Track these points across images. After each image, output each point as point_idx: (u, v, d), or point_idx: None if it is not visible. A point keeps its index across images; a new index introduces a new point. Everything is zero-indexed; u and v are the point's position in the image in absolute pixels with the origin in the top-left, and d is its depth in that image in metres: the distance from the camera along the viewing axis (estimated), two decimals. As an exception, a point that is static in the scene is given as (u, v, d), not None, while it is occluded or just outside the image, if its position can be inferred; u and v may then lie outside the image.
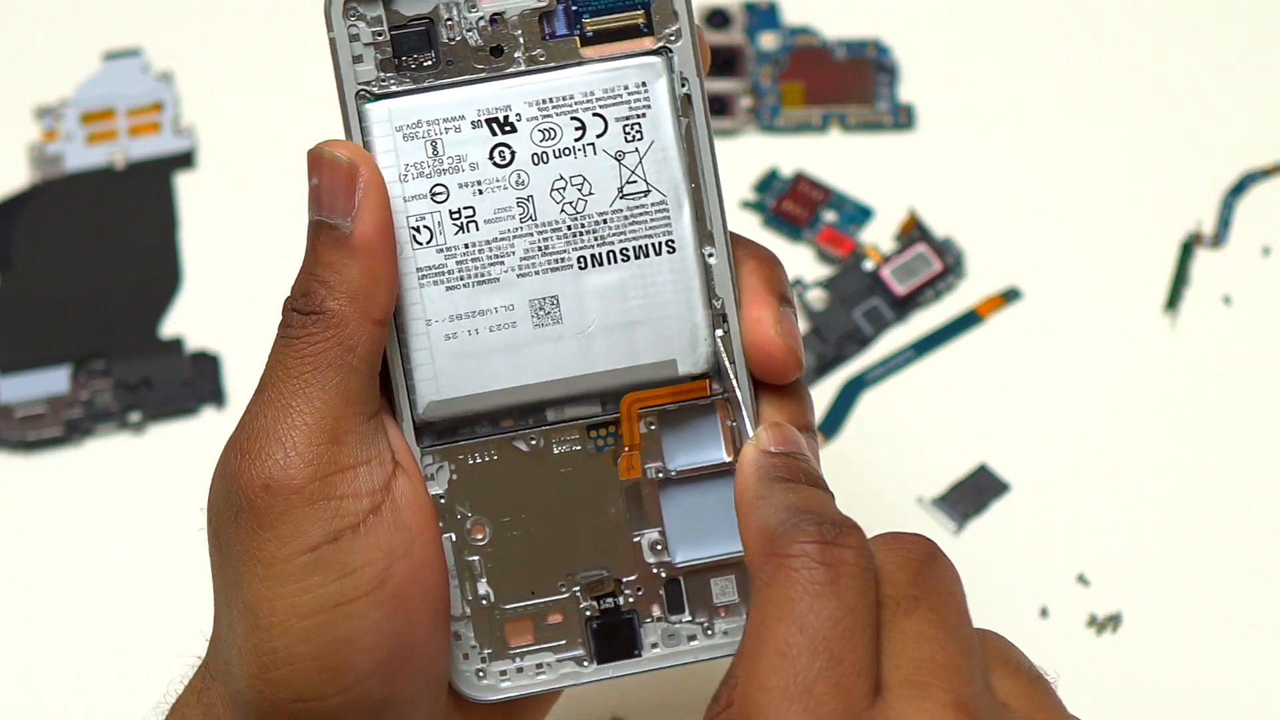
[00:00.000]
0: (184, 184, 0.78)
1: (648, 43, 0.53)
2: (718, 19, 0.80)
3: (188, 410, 0.74)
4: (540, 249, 0.53)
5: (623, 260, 0.53)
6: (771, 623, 0.46)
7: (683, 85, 0.53)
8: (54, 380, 0.75)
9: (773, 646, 0.45)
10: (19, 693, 0.70)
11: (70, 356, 0.75)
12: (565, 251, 0.53)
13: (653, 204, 0.53)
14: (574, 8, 0.53)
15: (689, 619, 0.54)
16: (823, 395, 0.74)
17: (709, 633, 0.54)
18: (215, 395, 0.74)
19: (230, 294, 0.76)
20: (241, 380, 0.74)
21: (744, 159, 0.78)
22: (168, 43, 0.81)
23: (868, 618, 0.46)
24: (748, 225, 0.76)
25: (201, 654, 0.54)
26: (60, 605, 0.71)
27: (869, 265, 0.76)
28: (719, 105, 0.78)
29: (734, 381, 0.53)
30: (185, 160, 0.79)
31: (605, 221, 0.53)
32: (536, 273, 0.53)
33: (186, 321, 0.76)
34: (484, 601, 0.54)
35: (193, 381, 0.75)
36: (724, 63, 0.79)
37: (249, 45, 0.81)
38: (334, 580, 0.50)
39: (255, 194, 0.78)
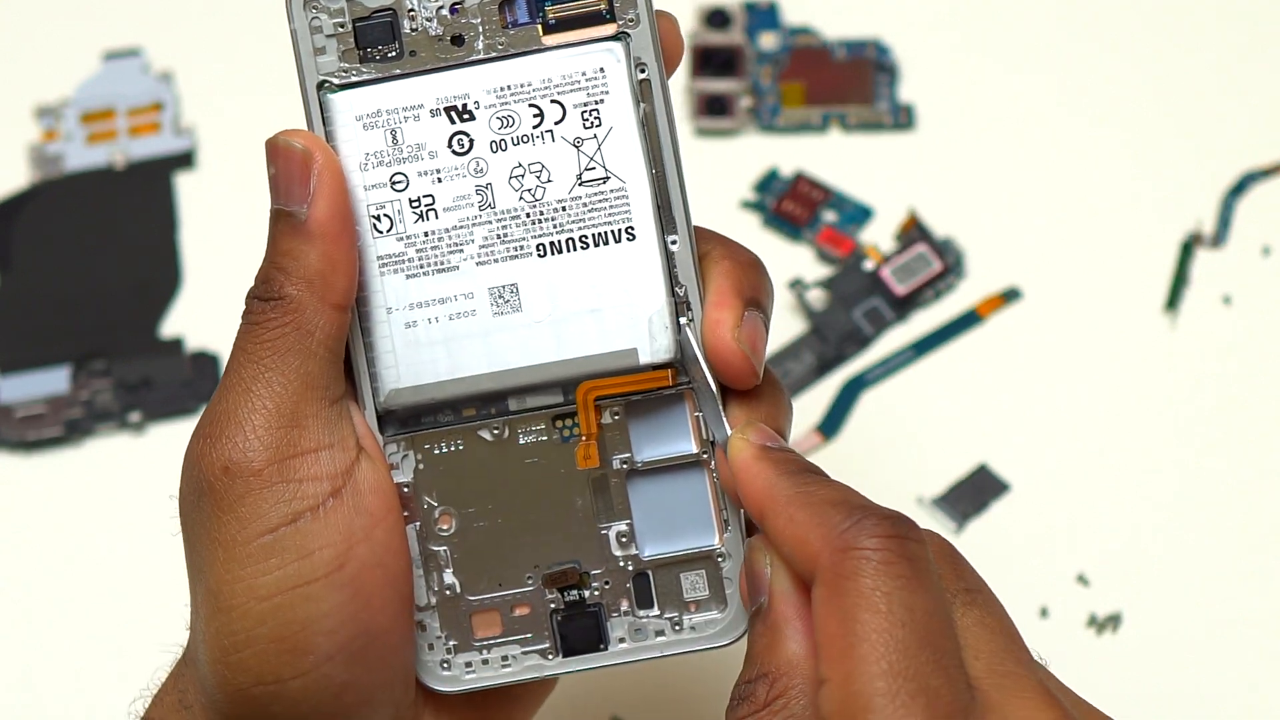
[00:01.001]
0: (184, 184, 0.78)
1: (609, 29, 0.53)
2: (718, 19, 0.80)
3: (188, 410, 0.74)
4: (499, 237, 0.53)
5: (582, 248, 0.53)
6: (866, 615, 0.45)
7: (641, 71, 0.53)
8: (54, 380, 0.75)
9: (875, 639, 0.45)
10: (19, 692, 0.70)
11: (70, 356, 0.75)
12: (524, 239, 0.53)
13: (612, 191, 0.53)
14: None
15: (657, 614, 0.54)
16: (823, 395, 0.74)
17: (677, 628, 0.54)
18: (215, 395, 0.74)
19: (230, 294, 0.76)
20: (241, 380, 0.74)
21: (744, 159, 0.78)
22: (168, 43, 0.81)
23: (950, 611, 0.47)
24: (748, 225, 0.76)
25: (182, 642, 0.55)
26: (60, 605, 0.71)
27: (869, 265, 0.76)
28: (719, 105, 0.78)
29: (702, 371, 0.53)
30: (185, 160, 0.79)
31: (564, 209, 0.53)
32: (496, 260, 0.53)
33: (186, 321, 0.76)
34: (449, 592, 0.54)
35: (193, 381, 0.75)
36: (724, 63, 0.79)
37: (249, 45, 0.81)
38: (292, 562, 0.51)
39: (255, 194, 0.78)
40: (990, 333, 0.75)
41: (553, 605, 0.54)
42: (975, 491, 0.72)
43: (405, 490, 0.54)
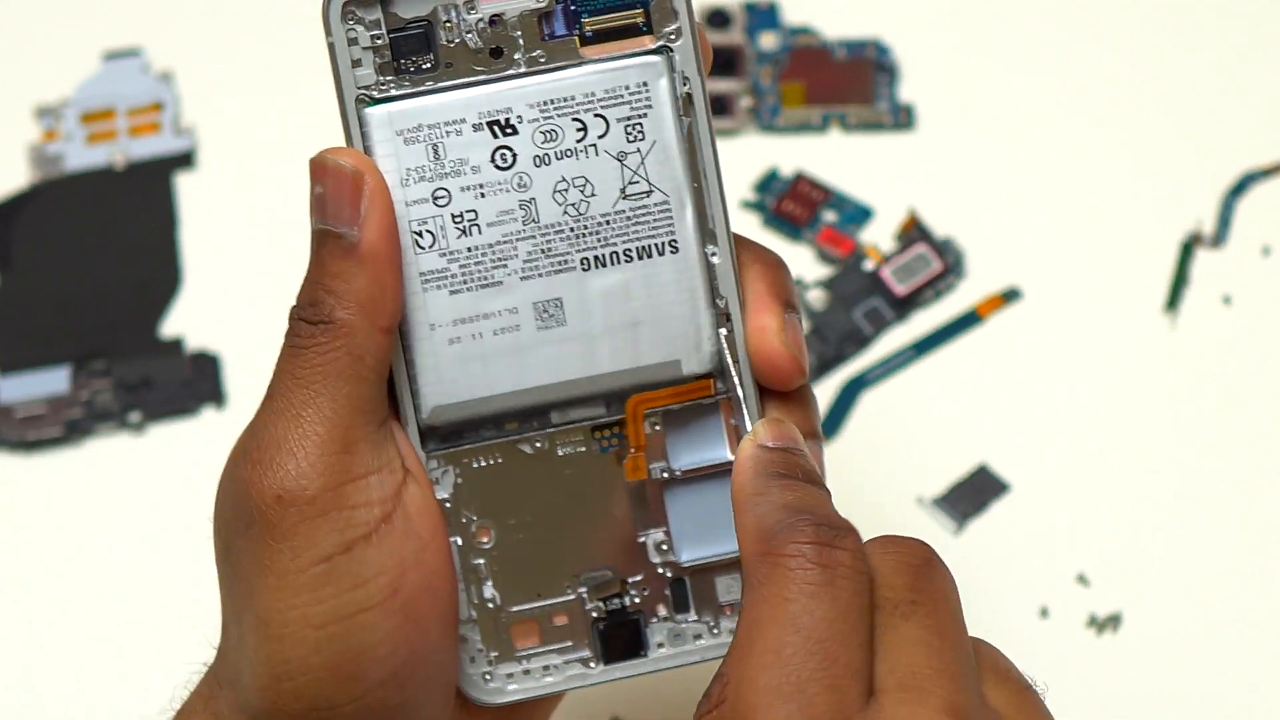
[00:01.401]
0: (184, 184, 0.78)
1: (647, 41, 0.53)
2: (718, 19, 0.80)
3: (188, 410, 0.74)
4: (543, 251, 0.53)
5: (626, 261, 0.53)
6: (765, 622, 0.46)
7: (684, 84, 0.53)
8: (54, 380, 0.75)
9: (765, 645, 0.45)
10: (19, 693, 0.70)
11: (70, 356, 0.75)
12: (568, 253, 0.53)
13: (655, 204, 0.53)
14: (573, 7, 0.52)
15: (694, 618, 0.54)
16: (823, 395, 0.74)
17: (714, 631, 0.54)
18: (215, 395, 0.74)
19: (230, 294, 0.76)
20: (241, 380, 0.74)
21: (744, 159, 0.78)
22: (168, 43, 0.81)
23: (861, 620, 0.46)
24: (748, 225, 0.76)
25: (207, 660, 0.54)
26: (60, 606, 0.71)
27: (869, 265, 0.76)
28: (719, 105, 0.78)
29: (736, 381, 0.53)
30: (185, 160, 0.79)
31: (608, 222, 0.53)
32: (540, 275, 0.53)
33: (186, 321, 0.76)
34: (490, 604, 0.54)
35: (193, 381, 0.75)
36: (724, 63, 0.79)
37: (249, 45, 0.81)
38: (347, 591, 0.50)
39: (255, 194, 0.78)
40: (990, 333, 0.75)
41: (594, 614, 0.54)
42: (975, 491, 0.72)
43: (446, 506, 0.54)
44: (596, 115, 0.53)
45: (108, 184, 0.78)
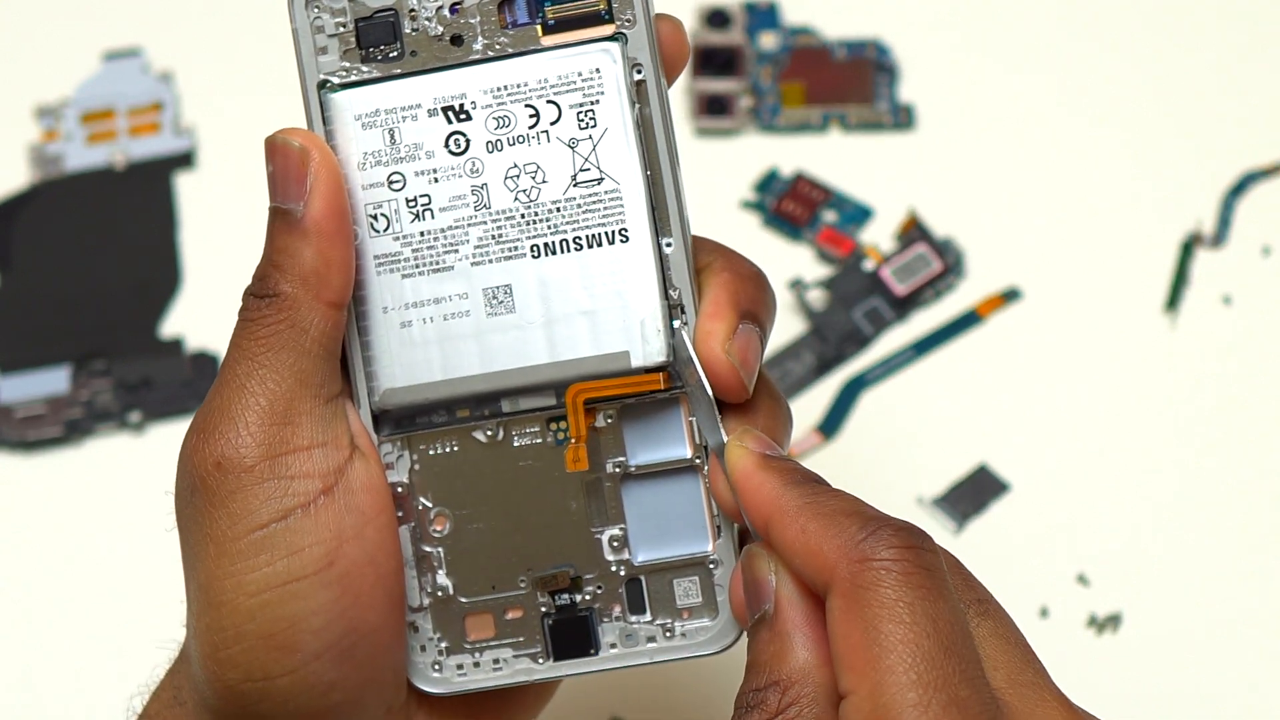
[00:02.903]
0: (184, 184, 0.78)
1: (607, 29, 0.53)
2: (718, 19, 0.80)
3: (188, 410, 0.74)
4: (494, 237, 0.53)
5: (576, 249, 0.53)
6: (890, 627, 0.45)
7: (637, 72, 0.53)
8: (54, 380, 0.75)
9: (901, 650, 0.45)
10: (19, 692, 0.70)
11: (70, 356, 0.75)
12: (519, 240, 0.53)
13: (606, 192, 0.53)
14: None
15: (649, 620, 0.54)
16: (823, 395, 0.74)
17: (669, 634, 0.54)
18: (215, 395, 0.74)
19: (230, 294, 0.76)
20: (241, 380, 0.74)
21: (744, 159, 0.78)
22: (168, 43, 0.81)
23: (966, 620, 0.47)
24: (748, 225, 0.76)
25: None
26: (60, 605, 0.71)
27: (869, 265, 0.76)
28: (719, 105, 0.78)
29: (697, 375, 0.52)
30: (185, 160, 0.79)
31: (558, 210, 0.53)
32: (490, 261, 0.53)
33: (186, 321, 0.76)
34: (442, 594, 0.54)
35: (193, 381, 0.75)
36: (724, 63, 0.79)
37: (249, 45, 0.81)
38: (281, 558, 0.51)
39: (255, 194, 0.78)
40: (990, 333, 0.75)
41: (544, 609, 0.54)
42: (975, 491, 0.72)
43: (400, 490, 0.54)
44: (549, 101, 0.53)
45: (108, 184, 0.78)
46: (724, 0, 0.80)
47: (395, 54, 0.53)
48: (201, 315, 0.76)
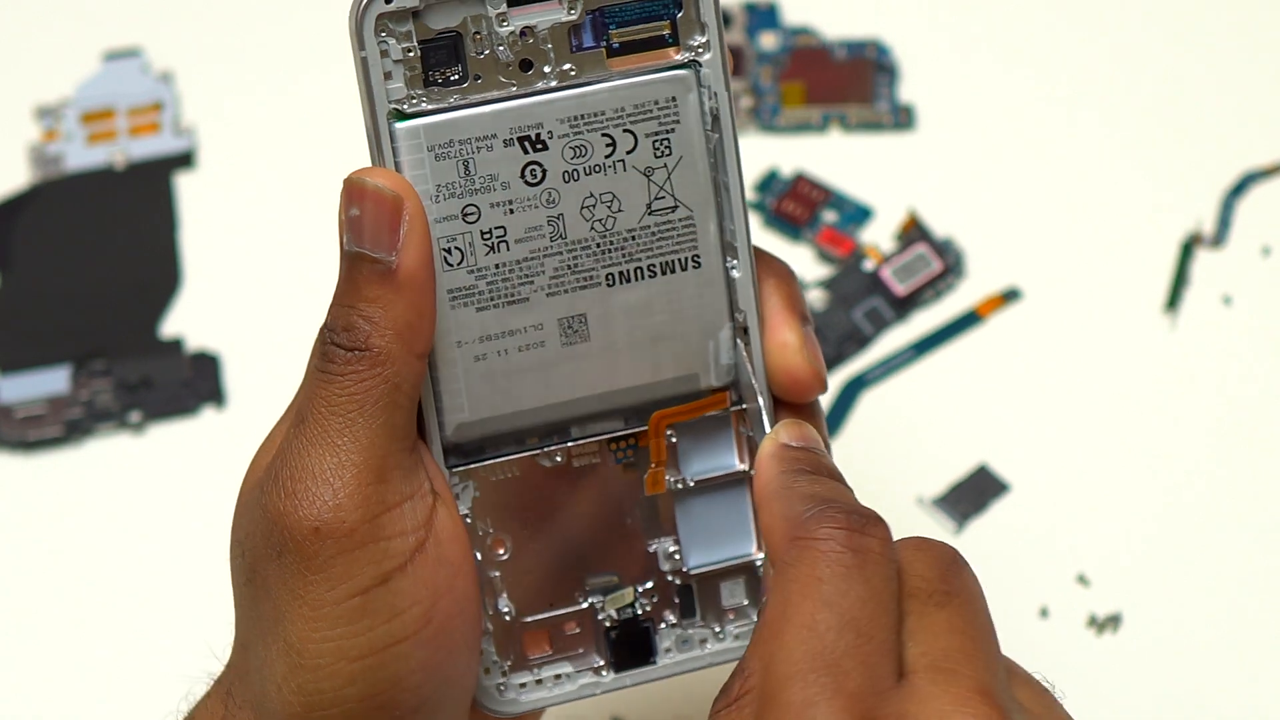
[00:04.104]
0: (184, 184, 0.78)
1: (672, 54, 0.52)
2: (718, 19, 0.80)
3: (188, 410, 0.74)
4: (570, 267, 0.52)
5: (650, 276, 0.53)
6: (797, 599, 0.45)
7: (712, 99, 0.52)
8: (54, 380, 0.75)
9: (799, 622, 0.45)
10: (19, 692, 0.70)
11: (70, 356, 0.75)
12: (594, 269, 0.52)
13: (680, 219, 0.53)
14: (601, 20, 0.52)
15: (700, 623, 0.54)
16: (823, 395, 0.74)
17: (720, 636, 0.55)
18: (215, 395, 0.74)
19: (230, 294, 0.76)
20: (242, 380, 0.74)
21: (744, 159, 0.78)
22: (168, 43, 0.81)
23: (892, 604, 0.46)
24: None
25: (213, 672, 0.54)
26: (60, 605, 0.71)
27: (869, 265, 0.76)
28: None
29: (756, 393, 0.53)
30: (185, 160, 0.79)
31: (633, 238, 0.52)
32: (565, 291, 0.52)
33: (186, 321, 0.76)
34: (505, 616, 0.54)
35: (193, 381, 0.75)
36: (724, 63, 0.79)
37: (249, 45, 0.81)
38: (383, 624, 0.50)
39: (255, 194, 0.78)
40: (990, 333, 0.75)
41: (605, 623, 0.54)
42: (975, 491, 0.72)
43: (468, 522, 0.53)
44: (625, 130, 0.52)
45: (108, 184, 0.78)
46: (724, 0, 0.80)
47: (457, 77, 0.51)
48: (201, 315, 0.76)
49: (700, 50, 0.52)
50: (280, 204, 0.77)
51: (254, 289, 0.76)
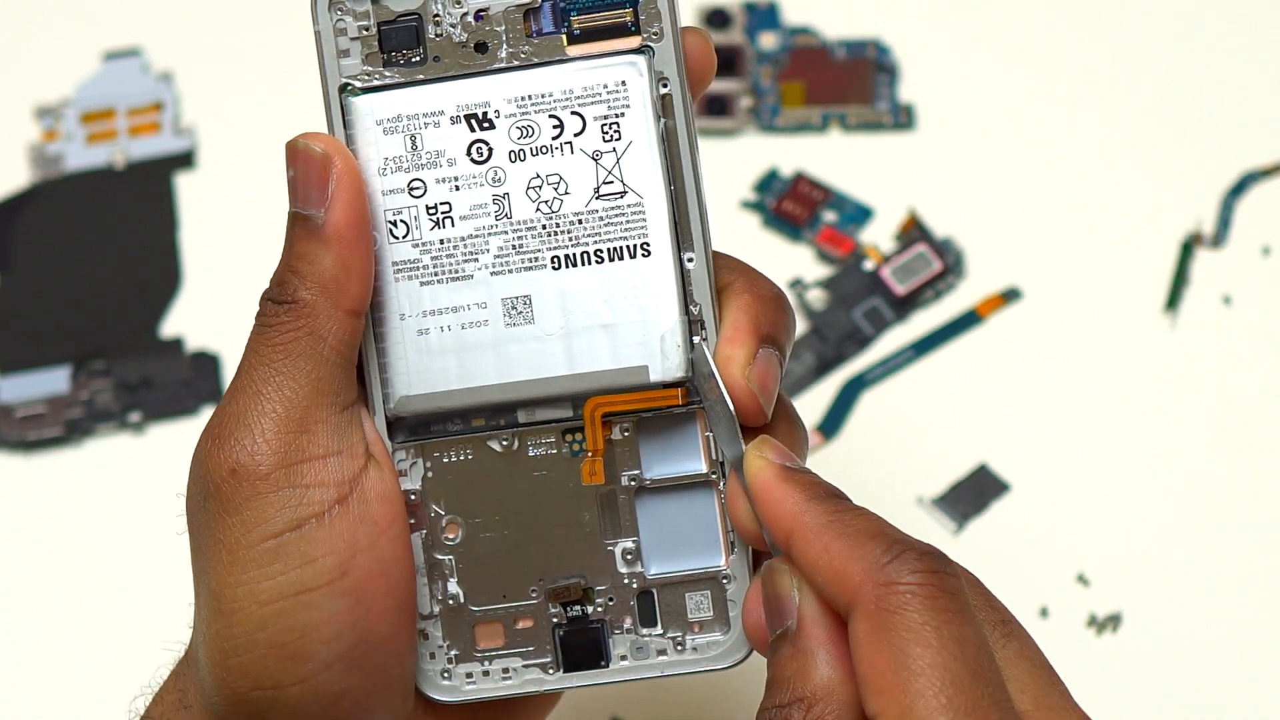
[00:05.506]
0: (184, 184, 0.78)
1: (633, 41, 0.52)
2: (718, 19, 0.80)
3: (188, 410, 0.74)
4: (514, 247, 0.53)
5: (597, 262, 0.53)
6: (918, 650, 0.45)
7: (663, 85, 0.53)
8: (54, 380, 0.75)
9: (931, 674, 0.45)
10: (19, 692, 0.70)
11: (70, 356, 0.75)
12: (539, 251, 0.53)
13: (629, 205, 0.53)
14: (561, 5, 0.52)
15: (660, 633, 0.54)
16: (823, 395, 0.74)
17: (680, 648, 0.54)
18: (215, 395, 0.74)
19: (230, 294, 0.76)
20: (241, 380, 0.74)
21: (744, 159, 0.78)
22: (168, 43, 0.81)
23: (989, 642, 0.47)
24: (748, 225, 0.76)
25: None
26: (60, 605, 0.71)
27: (869, 265, 0.76)
28: (719, 105, 0.78)
29: (718, 388, 0.52)
30: (185, 160, 0.79)
31: (580, 222, 0.53)
32: (510, 271, 0.53)
33: (186, 321, 0.76)
34: (453, 602, 0.54)
35: (193, 381, 0.75)
36: (724, 63, 0.79)
37: (249, 45, 0.81)
38: (294, 568, 0.51)
39: (255, 194, 0.78)
40: (990, 333, 0.75)
41: (555, 620, 0.54)
42: (975, 491, 0.72)
43: (413, 498, 0.53)
44: (573, 113, 0.52)
45: (108, 184, 0.78)
46: (724, 0, 0.80)
47: (418, 59, 0.53)
48: (201, 315, 0.76)
49: (655, 36, 0.52)
50: (280, 204, 0.76)
51: (254, 289, 0.76)
